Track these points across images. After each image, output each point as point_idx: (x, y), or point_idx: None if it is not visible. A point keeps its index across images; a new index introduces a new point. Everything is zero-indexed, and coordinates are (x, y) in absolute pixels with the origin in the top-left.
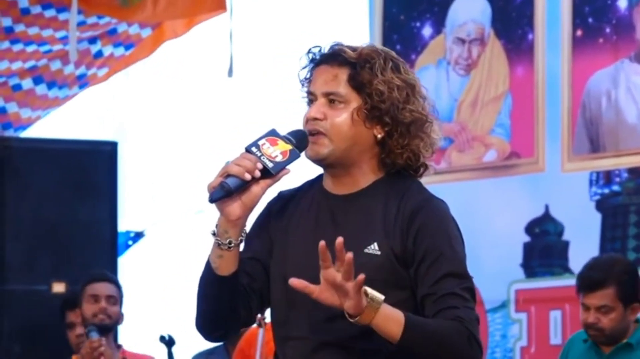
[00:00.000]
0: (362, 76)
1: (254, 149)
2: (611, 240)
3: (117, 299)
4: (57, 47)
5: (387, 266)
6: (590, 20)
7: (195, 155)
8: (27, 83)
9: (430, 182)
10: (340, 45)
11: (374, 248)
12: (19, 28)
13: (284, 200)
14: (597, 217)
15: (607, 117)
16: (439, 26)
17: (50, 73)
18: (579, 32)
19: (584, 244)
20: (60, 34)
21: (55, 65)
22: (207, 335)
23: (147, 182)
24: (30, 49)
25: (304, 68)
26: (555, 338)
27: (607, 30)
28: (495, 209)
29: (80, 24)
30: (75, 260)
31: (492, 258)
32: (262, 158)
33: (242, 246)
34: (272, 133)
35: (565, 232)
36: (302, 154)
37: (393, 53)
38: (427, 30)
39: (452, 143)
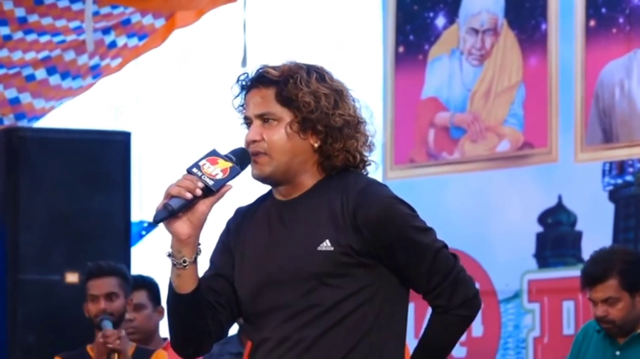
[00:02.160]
0: (288, 91)
1: (194, 170)
2: (624, 230)
3: (118, 293)
4: (71, 37)
5: (342, 261)
6: (603, 10)
7: (208, 145)
8: (40, 73)
9: (443, 172)
10: (264, 67)
11: (326, 245)
12: (33, 18)
13: (241, 215)
14: (610, 207)
15: (620, 107)
16: (452, 16)
17: (63, 64)
18: (592, 22)
19: (597, 234)
20: (73, 24)
21: (69, 55)
22: (181, 352)
23: (161, 171)
24: (44, 39)
25: (236, 96)
26: (568, 328)
27: (621, 20)
28: (508, 199)
29: (94, 14)
30: (89, 250)
31: (505, 249)
32: (202, 177)
33: (198, 264)
34: (213, 153)
35: (578, 222)
36: (249, 168)
37: (316, 65)
38: (440, 21)
39: (465, 134)
